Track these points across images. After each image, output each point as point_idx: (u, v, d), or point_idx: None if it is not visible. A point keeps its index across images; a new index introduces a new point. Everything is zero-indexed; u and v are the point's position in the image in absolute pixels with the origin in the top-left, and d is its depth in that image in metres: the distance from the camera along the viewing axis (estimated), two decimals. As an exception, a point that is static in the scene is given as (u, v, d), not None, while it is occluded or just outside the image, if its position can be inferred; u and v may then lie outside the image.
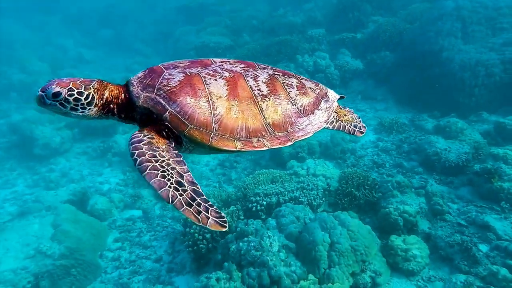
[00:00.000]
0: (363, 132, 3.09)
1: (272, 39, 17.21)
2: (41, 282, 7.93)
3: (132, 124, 2.51)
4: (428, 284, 7.09)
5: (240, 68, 2.52)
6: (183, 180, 2.07)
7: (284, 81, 2.60)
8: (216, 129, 2.28)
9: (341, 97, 3.05)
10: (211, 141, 2.27)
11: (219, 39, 19.21)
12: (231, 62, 2.57)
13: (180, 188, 2.02)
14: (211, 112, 2.27)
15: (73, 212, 9.58)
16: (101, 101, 2.33)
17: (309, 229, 7.13)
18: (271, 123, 2.43)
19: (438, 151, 9.68)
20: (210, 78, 2.34)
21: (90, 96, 2.24)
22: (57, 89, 2.13)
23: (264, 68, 2.63)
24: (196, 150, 2.44)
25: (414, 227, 7.84)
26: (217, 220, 2.00)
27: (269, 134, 2.43)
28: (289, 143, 2.49)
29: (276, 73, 2.63)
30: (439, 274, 7.29)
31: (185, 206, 1.97)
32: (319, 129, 2.69)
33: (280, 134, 2.47)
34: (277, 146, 2.45)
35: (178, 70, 2.36)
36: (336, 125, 2.96)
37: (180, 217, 9.89)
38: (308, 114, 2.62)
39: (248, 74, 2.48)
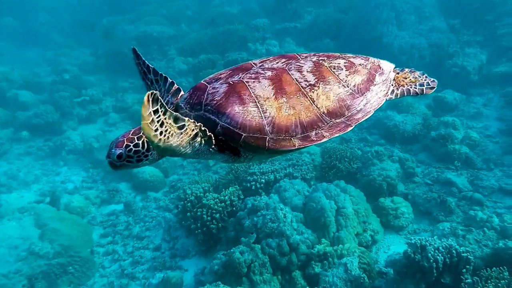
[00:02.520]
0: (434, 88, 2.87)
1: (217, 29, 17.48)
2: (36, 284, 7.60)
3: None
4: (415, 236, 8.18)
5: (282, 63, 2.45)
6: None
7: (331, 64, 2.50)
8: (270, 131, 2.20)
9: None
10: (268, 145, 2.20)
11: (162, 29, 18.89)
12: (271, 59, 2.51)
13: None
14: (261, 116, 2.20)
15: (54, 211, 9.16)
16: None
17: (314, 199, 7.78)
18: (326, 112, 2.33)
19: (397, 123, 10.97)
20: (254, 81, 2.28)
21: (146, 143, 2.23)
22: (118, 151, 2.18)
23: (306, 57, 2.55)
24: (255, 157, 2.42)
25: (394, 189, 8.92)
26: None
27: (326, 123, 2.32)
28: (350, 128, 2.38)
29: (320, 58, 2.54)
30: (421, 226, 8.46)
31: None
32: (379, 106, 2.56)
33: (338, 121, 2.36)
34: (337, 135, 2.35)
35: (220, 82, 2.32)
36: (399, 92, 2.82)
37: (168, 205, 9.96)
38: (364, 93, 2.48)
39: (291, 68, 2.41)
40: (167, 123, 1.88)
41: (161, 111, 1.82)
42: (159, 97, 1.79)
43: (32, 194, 10.71)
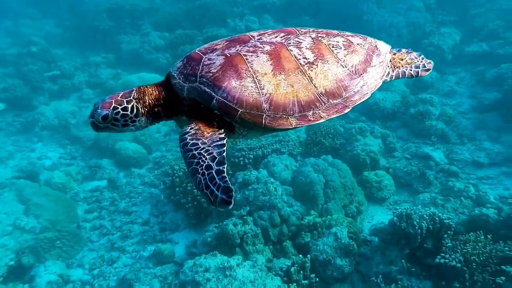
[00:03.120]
0: (429, 70, 2.86)
1: (193, 3, 17.17)
2: (23, 258, 7.53)
3: (182, 118, 2.44)
4: (397, 206, 8.61)
5: (281, 37, 2.37)
6: (213, 163, 1.98)
7: (329, 42, 2.45)
8: (268, 109, 2.17)
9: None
10: (265, 122, 2.17)
11: (135, 1, 18.34)
12: (269, 33, 2.43)
13: (206, 172, 1.95)
14: (259, 92, 2.16)
15: (36, 186, 9.01)
16: (146, 109, 2.30)
17: (303, 173, 8.00)
18: (323, 92, 2.29)
19: (377, 101, 11.32)
20: (252, 55, 2.22)
21: (135, 108, 2.22)
22: (104, 112, 2.14)
23: (305, 33, 2.47)
24: (250, 134, 2.40)
25: (377, 163, 9.28)
26: (224, 197, 1.86)
27: (323, 104, 2.29)
28: (347, 110, 2.37)
29: (319, 35, 2.48)
30: (402, 197, 8.89)
31: (204, 190, 1.91)
32: (376, 88, 2.54)
33: (335, 101, 2.33)
34: (335, 116, 2.33)
35: (216, 53, 2.25)
36: (394, 74, 2.79)
37: (153, 181, 9.96)
38: (361, 74, 2.45)
39: (290, 43, 2.34)
40: None
41: None
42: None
43: (9, 170, 10.42)
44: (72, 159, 11.15)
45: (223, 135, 2.15)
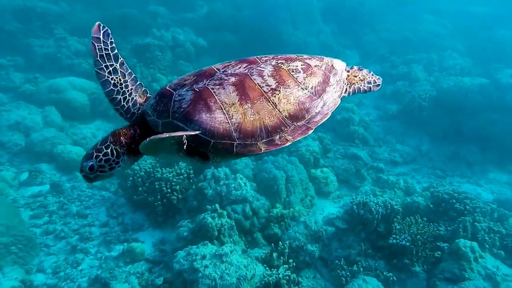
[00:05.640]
0: (379, 85, 3.10)
1: (110, 12, 16.80)
2: None
3: None
4: (340, 199, 9.81)
5: (244, 68, 2.47)
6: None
7: (289, 67, 2.56)
8: (238, 137, 2.28)
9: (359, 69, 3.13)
10: (236, 150, 2.30)
11: (46, 4, 17.18)
12: (233, 64, 2.53)
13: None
14: (228, 122, 2.27)
15: (-23, 192, 8.19)
16: (124, 148, 2.40)
17: (266, 169, 8.74)
18: (287, 116, 2.40)
19: (308, 109, 12.59)
20: (219, 88, 2.33)
21: (114, 151, 2.35)
22: (89, 163, 2.30)
23: (266, 61, 2.58)
24: (223, 160, 2.50)
25: (318, 162, 10.42)
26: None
27: (288, 127, 2.41)
28: (310, 131, 2.50)
29: (279, 62, 2.58)
30: (343, 192, 10.14)
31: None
32: (335, 106, 2.67)
33: (299, 123, 2.45)
34: (299, 137, 2.45)
35: (186, 88, 2.35)
36: (351, 90, 2.98)
37: (104, 184, 9.72)
38: (321, 94, 2.57)
39: (252, 72, 2.45)
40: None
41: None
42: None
43: None
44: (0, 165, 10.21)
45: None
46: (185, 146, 2.29)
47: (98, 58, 2.41)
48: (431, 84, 15.43)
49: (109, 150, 2.33)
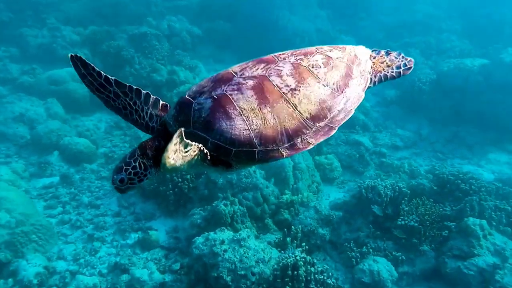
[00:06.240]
0: (411, 68, 2.89)
1: (102, 1, 16.66)
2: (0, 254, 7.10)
3: None
4: (344, 185, 10.04)
5: (261, 69, 2.38)
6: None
7: (309, 63, 2.45)
8: (259, 143, 2.22)
9: (373, 50, 2.97)
10: (258, 157, 2.25)
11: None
12: (250, 65, 2.43)
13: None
14: (249, 129, 2.20)
15: (-7, 182, 8.30)
16: (150, 161, 2.39)
17: (274, 157, 8.88)
18: (309, 117, 2.30)
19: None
20: (237, 93, 2.26)
21: (142, 164, 2.35)
22: (119, 177, 2.32)
23: (284, 58, 2.48)
24: (245, 167, 2.50)
25: (321, 149, 10.62)
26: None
27: (310, 129, 2.31)
28: (333, 132, 2.40)
29: (298, 58, 2.47)
30: (347, 177, 10.36)
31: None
32: (359, 101, 2.56)
33: (321, 124, 2.34)
34: (322, 139, 2.37)
35: (204, 96, 2.30)
36: (376, 80, 2.82)
37: (111, 175, 9.81)
38: (343, 90, 2.45)
39: (271, 73, 2.35)
40: (179, 150, 1.98)
41: (179, 142, 1.92)
42: (182, 132, 1.90)
43: None
44: (8, 157, 10.25)
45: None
46: (208, 156, 2.23)
47: (96, 92, 2.39)
48: (429, 68, 15.63)
49: (137, 164, 2.34)
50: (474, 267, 7.09)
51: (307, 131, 2.29)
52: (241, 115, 2.20)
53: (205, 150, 2.17)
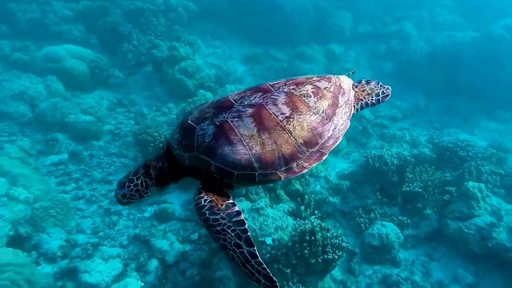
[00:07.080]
0: (388, 95, 3.09)
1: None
2: (20, 228, 7.23)
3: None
4: (349, 156, 10.35)
5: (259, 98, 2.57)
6: (241, 241, 2.28)
7: (301, 92, 2.64)
8: (259, 167, 2.39)
9: (352, 73, 3.19)
10: (257, 179, 2.41)
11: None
12: (248, 94, 2.62)
13: (237, 250, 2.26)
14: (249, 153, 2.38)
15: (6, 159, 8.31)
16: (152, 181, 2.61)
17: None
18: (302, 142, 2.49)
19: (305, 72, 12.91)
20: (237, 120, 2.44)
21: (145, 182, 2.57)
22: (122, 192, 2.54)
23: (278, 88, 2.66)
24: (246, 187, 3.15)
25: (325, 121, 10.86)
26: (266, 282, 2.21)
27: (304, 154, 2.49)
28: (325, 157, 2.58)
29: (291, 88, 2.66)
30: (351, 149, 10.66)
31: (241, 267, 2.23)
32: (345, 129, 2.74)
33: (314, 149, 2.52)
34: (315, 164, 2.55)
35: (207, 122, 2.48)
36: (359, 107, 3.01)
37: (121, 152, 9.93)
38: (332, 117, 2.64)
39: (267, 102, 2.54)
40: None
41: None
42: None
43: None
44: (11, 135, 10.21)
45: (238, 209, 2.43)
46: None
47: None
48: (424, 40, 15.89)
49: (139, 182, 2.56)
50: (473, 226, 7.59)
51: (301, 156, 2.48)
52: (242, 140, 2.39)
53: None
